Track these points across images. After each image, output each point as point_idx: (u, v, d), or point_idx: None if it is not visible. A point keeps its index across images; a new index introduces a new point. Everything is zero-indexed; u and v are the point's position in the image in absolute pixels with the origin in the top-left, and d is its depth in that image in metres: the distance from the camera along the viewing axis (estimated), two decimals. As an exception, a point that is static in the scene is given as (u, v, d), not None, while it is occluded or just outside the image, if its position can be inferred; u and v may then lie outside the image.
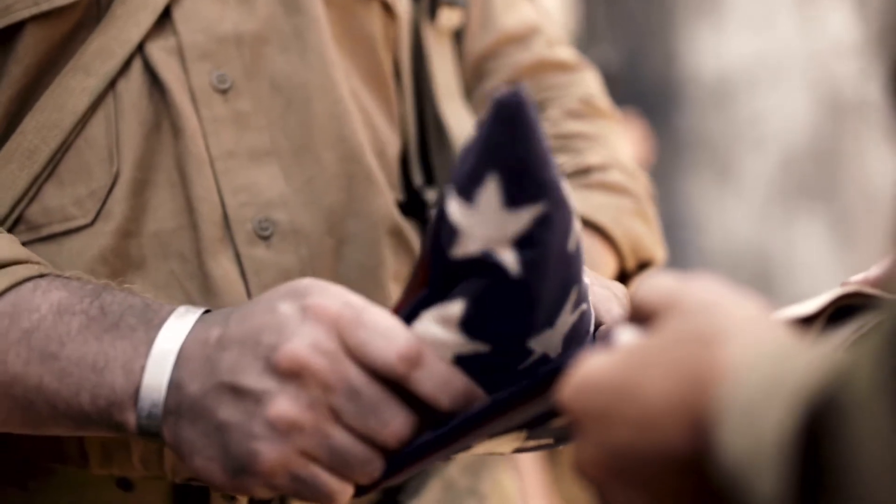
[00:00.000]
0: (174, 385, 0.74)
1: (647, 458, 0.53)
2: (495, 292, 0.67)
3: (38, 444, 0.85)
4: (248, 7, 0.91)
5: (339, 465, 0.72)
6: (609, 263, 0.98)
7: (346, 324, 0.71)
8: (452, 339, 0.70)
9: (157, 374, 0.74)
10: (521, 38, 1.09)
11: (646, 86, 4.36)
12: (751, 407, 0.48)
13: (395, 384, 0.72)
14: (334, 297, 0.72)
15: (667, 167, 4.21)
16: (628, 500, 0.55)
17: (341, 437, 0.71)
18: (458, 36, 1.07)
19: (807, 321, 0.70)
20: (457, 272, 0.69)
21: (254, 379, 0.71)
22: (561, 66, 1.10)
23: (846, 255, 4.41)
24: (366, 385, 0.71)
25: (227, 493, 0.87)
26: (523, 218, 0.66)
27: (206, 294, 0.86)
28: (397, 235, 0.95)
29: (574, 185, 0.99)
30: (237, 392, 0.72)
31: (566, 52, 1.12)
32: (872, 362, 0.45)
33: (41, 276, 0.80)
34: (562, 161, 1.01)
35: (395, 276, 0.94)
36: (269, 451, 0.71)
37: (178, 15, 0.88)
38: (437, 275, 0.70)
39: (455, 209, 0.67)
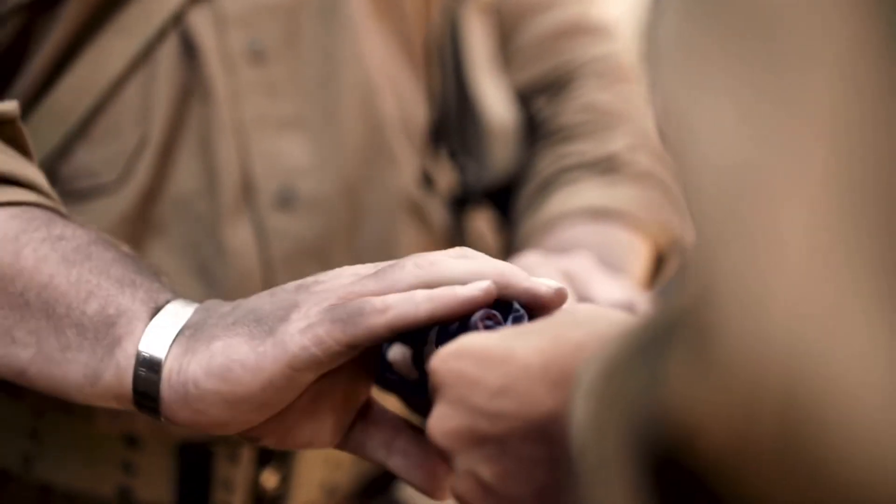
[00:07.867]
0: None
1: (508, 421, 0.54)
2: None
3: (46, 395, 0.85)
4: None
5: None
6: (641, 249, 0.98)
7: None
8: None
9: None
10: (549, 1, 1.08)
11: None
12: (591, 381, 0.48)
13: None
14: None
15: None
16: (481, 470, 0.56)
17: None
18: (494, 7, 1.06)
19: None
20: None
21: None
22: (588, 26, 1.09)
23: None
24: None
25: (229, 451, 0.89)
26: None
27: (220, 259, 0.86)
28: (414, 211, 0.95)
29: (599, 173, 1.00)
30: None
31: (595, 11, 1.10)
32: (628, 336, 0.46)
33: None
34: (587, 148, 1.02)
35: (411, 251, 0.92)
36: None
37: None
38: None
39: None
